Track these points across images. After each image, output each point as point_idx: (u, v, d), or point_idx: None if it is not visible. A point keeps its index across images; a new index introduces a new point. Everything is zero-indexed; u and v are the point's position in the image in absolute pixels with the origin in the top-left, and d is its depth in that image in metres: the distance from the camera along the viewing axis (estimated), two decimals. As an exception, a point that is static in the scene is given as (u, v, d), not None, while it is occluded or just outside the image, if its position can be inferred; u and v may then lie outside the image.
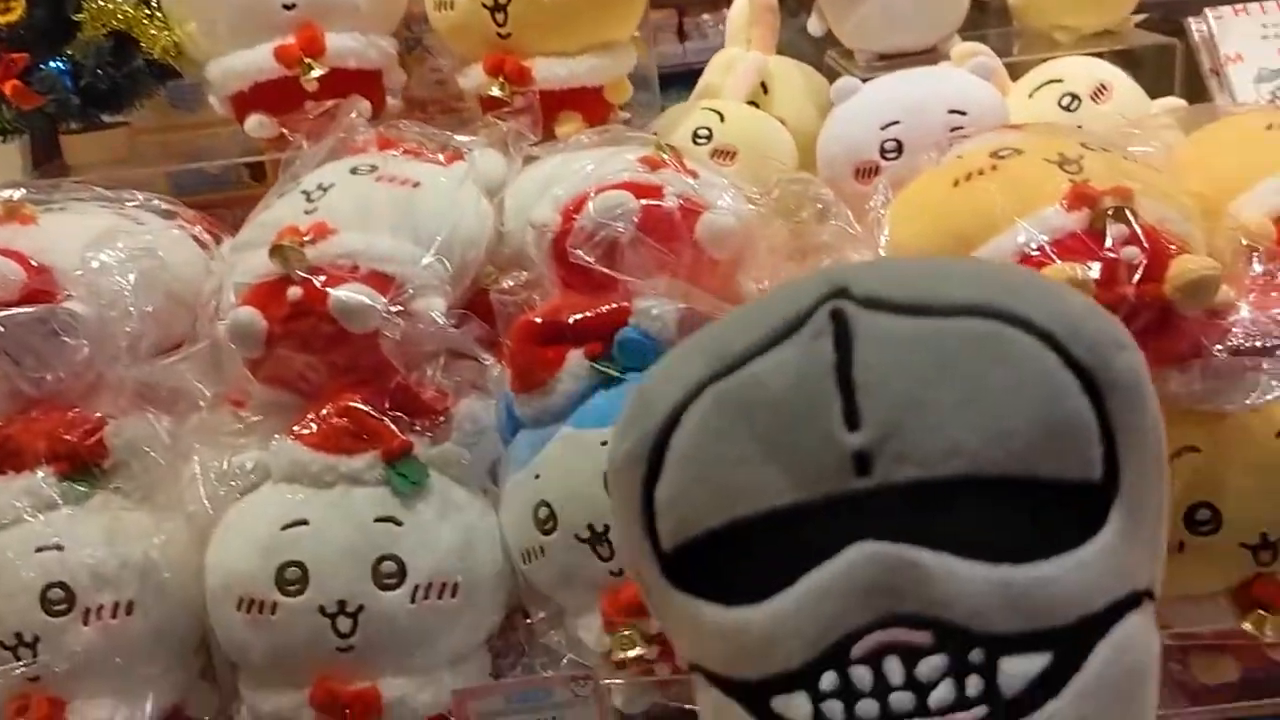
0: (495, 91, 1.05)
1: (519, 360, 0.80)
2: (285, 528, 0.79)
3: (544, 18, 1.04)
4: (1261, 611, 0.74)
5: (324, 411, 0.81)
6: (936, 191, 0.80)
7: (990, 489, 0.30)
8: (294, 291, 0.81)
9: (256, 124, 1.07)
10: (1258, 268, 0.74)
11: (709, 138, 1.09)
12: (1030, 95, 1.07)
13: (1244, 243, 0.75)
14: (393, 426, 0.81)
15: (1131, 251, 0.69)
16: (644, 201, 0.80)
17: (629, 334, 0.78)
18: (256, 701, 0.81)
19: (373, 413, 0.81)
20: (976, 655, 0.30)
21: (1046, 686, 0.29)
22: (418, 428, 0.82)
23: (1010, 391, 0.30)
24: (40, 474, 0.81)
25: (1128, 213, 0.71)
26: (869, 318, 0.31)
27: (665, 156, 0.85)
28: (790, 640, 0.31)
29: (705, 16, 2.60)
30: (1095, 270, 0.69)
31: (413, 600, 0.78)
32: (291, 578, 0.78)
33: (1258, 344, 0.72)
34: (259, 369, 0.84)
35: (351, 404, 0.81)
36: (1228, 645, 0.78)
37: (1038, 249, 0.71)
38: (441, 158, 0.95)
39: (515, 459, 0.82)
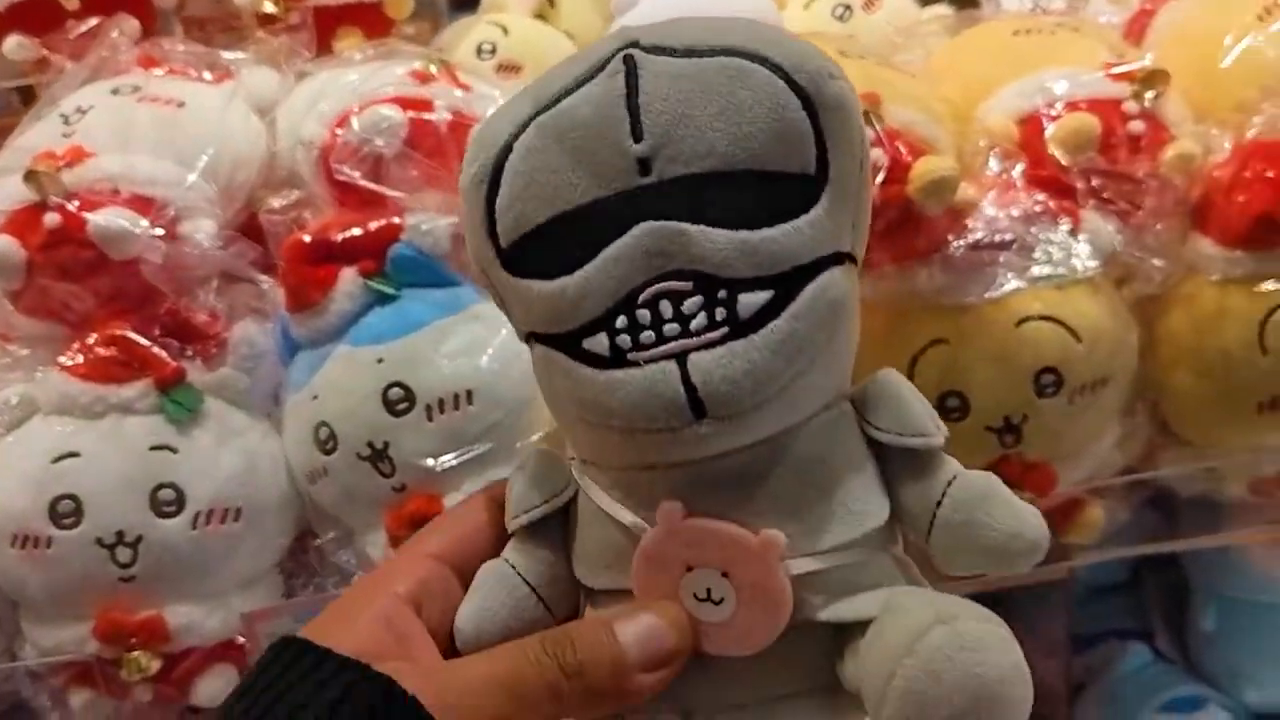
0: (269, 7, 1.02)
1: (291, 280, 0.79)
2: (56, 460, 0.77)
3: (314, -71, 1.02)
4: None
5: (91, 341, 0.79)
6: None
7: (735, 179, 0.40)
8: (51, 218, 0.78)
9: (15, 46, 1.01)
10: (996, 166, 0.78)
11: (493, 52, 1.08)
12: (806, 7, 1.09)
13: (984, 144, 0.80)
14: (163, 354, 0.79)
15: (876, 154, 0.72)
16: (410, 115, 0.80)
17: (401, 250, 0.78)
18: (39, 637, 0.80)
19: (142, 340, 0.79)
20: (722, 294, 0.40)
21: (769, 311, 0.40)
22: (190, 353, 0.80)
23: (750, 107, 0.40)
24: None
25: (872, 117, 0.74)
26: (651, 59, 0.40)
27: (435, 70, 0.84)
28: (593, 296, 0.40)
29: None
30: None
31: (194, 527, 0.77)
32: (65, 510, 0.76)
33: (996, 239, 0.76)
34: (19, 300, 0.81)
35: (119, 332, 0.79)
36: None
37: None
38: (209, 76, 0.92)
39: (294, 380, 0.81)
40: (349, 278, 0.78)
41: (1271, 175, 0.79)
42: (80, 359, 0.79)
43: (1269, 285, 0.79)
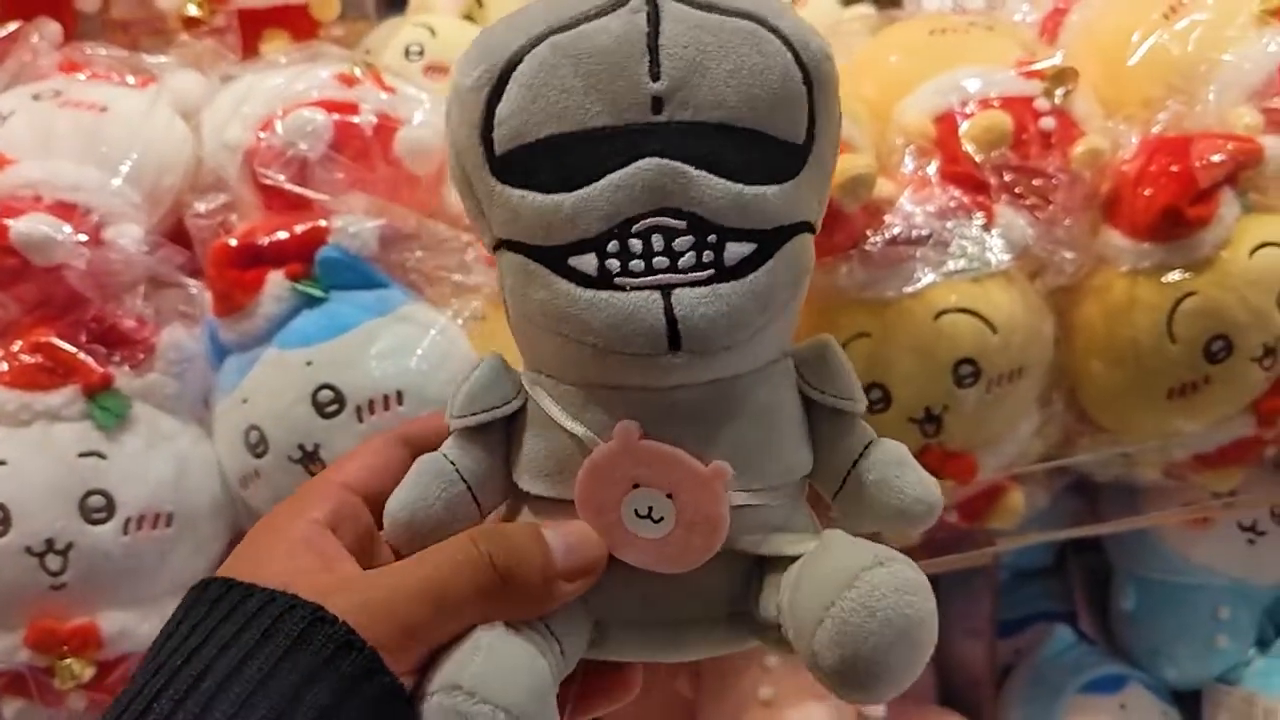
0: (193, 10, 1.02)
1: (218, 284, 0.79)
2: (-19, 470, 0.76)
3: (237, -68, 1.01)
4: (931, 478, 0.81)
5: (15, 348, 0.78)
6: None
7: (738, 134, 0.42)
8: (-30, 226, 0.78)
9: (-70, 50, 1.00)
10: (912, 164, 0.80)
11: (421, 54, 1.08)
12: None
13: (900, 141, 0.82)
14: (90, 360, 0.78)
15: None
16: (335, 118, 0.80)
17: (329, 253, 0.78)
18: (-32, 648, 0.79)
19: (68, 347, 0.78)
20: (712, 239, 0.42)
21: (751, 263, 0.42)
22: (118, 359, 0.80)
23: (761, 71, 0.42)
24: None
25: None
26: (674, 5, 0.43)
27: (360, 73, 0.84)
28: (589, 216, 0.42)
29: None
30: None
31: (125, 533, 0.77)
32: (-8, 520, 0.76)
33: (913, 234, 0.78)
34: (-60, 309, 0.80)
35: (45, 339, 0.78)
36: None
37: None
38: (132, 80, 0.91)
39: (223, 385, 0.81)
40: (276, 281, 0.78)
41: (1176, 169, 0.82)
42: (5, 367, 0.78)
43: (1176, 275, 0.82)
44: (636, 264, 0.42)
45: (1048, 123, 0.82)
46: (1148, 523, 0.99)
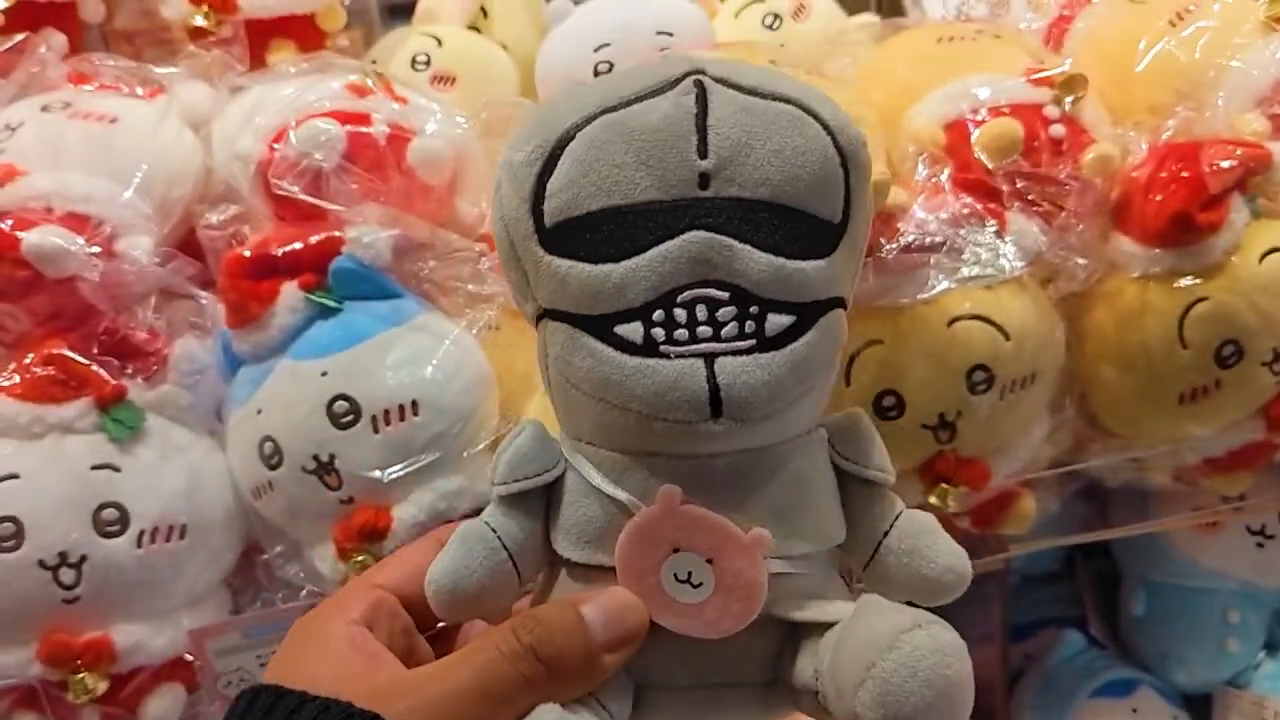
0: (200, 21, 1.01)
1: (232, 295, 0.79)
2: (-6, 483, 0.76)
3: (243, -58, 1.01)
4: (944, 485, 0.81)
5: (27, 360, 0.78)
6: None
7: (780, 211, 0.44)
8: (-17, 237, 0.77)
9: (-64, 62, 1.00)
10: (924, 171, 0.80)
11: (428, 64, 1.08)
12: (736, 15, 1.11)
13: (912, 149, 0.82)
14: (103, 372, 0.78)
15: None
16: (349, 128, 0.80)
17: (343, 263, 0.78)
18: (-19, 661, 0.79)
19: (81, 359, 0.78)
20: (754, 310, 0.44)
21: (790, 334, 0.44)
22: (130, 371, 0.80)
23: (803, 153, 0.44)
24: None
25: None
26: (720, 88, 0.45)
27: (371, 83, 0.84)
28: (636, 287, 0.44)
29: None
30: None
31: (138, 545, 0.77)
32: (6, 533, 0.75)
33: (926, 241, 0.78)
34: (-49, 322, 0.80)
35: (57, 351, 0.78)
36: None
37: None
38: (141, 91, 0.91)
39: (237, 396, 0.81)
40: (290, 292, 0.78)
41: (1186, 175, 0.82)
42: (17, 379, 0.78)
43: (1186, 281, 0.82)
44: (681, 333, 0.44)
45: (1058, 130, 0.82)
46: (1158, 527, 1.00)
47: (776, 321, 0.44)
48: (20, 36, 0.96)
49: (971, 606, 0.96)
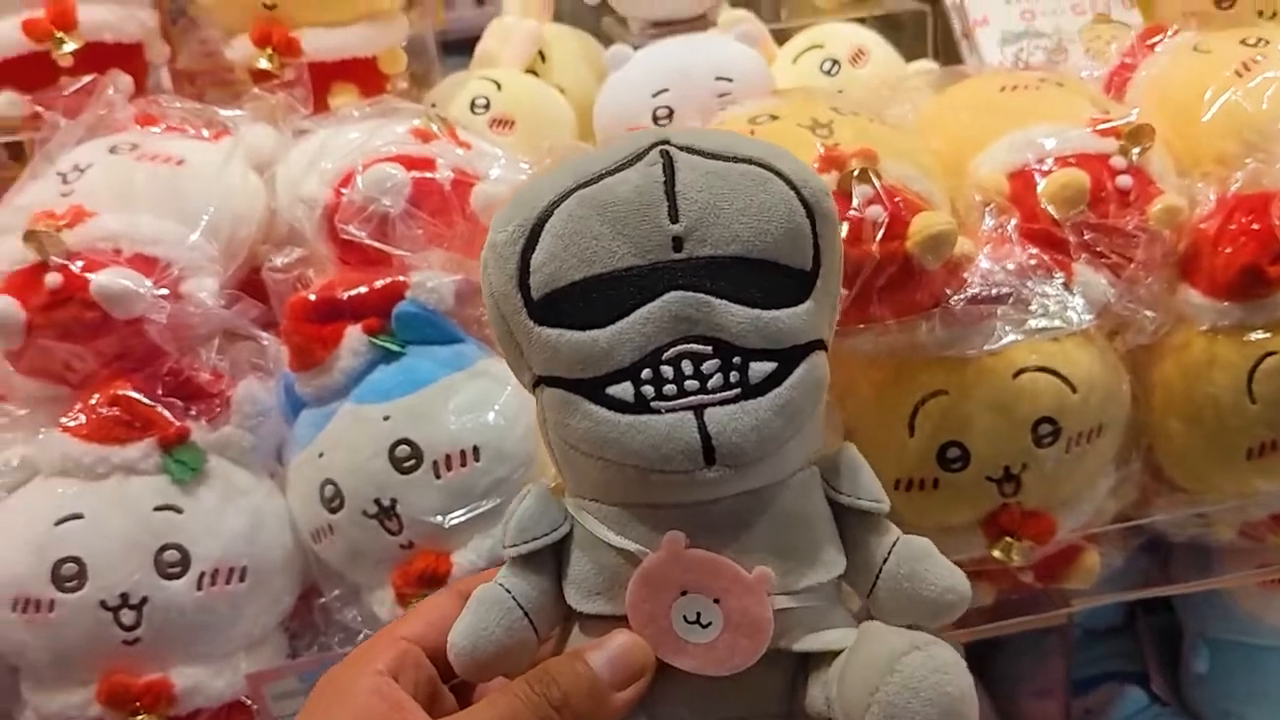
0: (264, 64, 1.03)
1: (296, 339, 0.79)
2: (59, 523, 0.76)
3: (309, -13, 1.03)
4: (1008, 539, 0.80)
5: (93, 401, 0.79)
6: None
7: (753, 265, 0.46)
8: (52, 278, 0.78)
9: (6, 102, 1.02)
10: (990, 221, 0.80)
11: (487, 107, 1.09)
12: (794, 61, 1.11)
13: (978, 198, 0.81)
14: (167, 413, 0.79)
15: (875, 210, 0.73)
16: (414, 174, 0.80)
17: (407, 308, 0.79)
18: (41, 702, 0.79)
19: (145, 400, 0.79)
20: (737, 360, 0.46)
21: (774, 379, 0.46)
22: (194, 412, 0.80)
23: (769, 209, 0.46)
24: None
25: (871, 174, 0.75)
26: (685, 156, 0.47)
27: (436, 128, 0.85)
28: (623, 348, 0.45)
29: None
30: (844, 230, 0.73)
31: (199, 588, 0.77)
32: (68, 574, 0.76)
33: (993, 292, 0.77)
34: (19, 360, 0.81)
35: (122, 392, 0.79)
36: (983, 571, 0.84)
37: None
38: (207, 134, 0.93)
39: (299, 438, 0.81)
40: (354, 335, 0.79)
41: (1256, 227, 0.81)
42: (83, 419, 0.79)
43: (1256, 335, 0.81)
44: (669, 388, 0.45)
45: (1124, 181, 0.82)
46: (1222, 584, 0.98)
47: (759, 369, 0.46)
48: (88, 78, 0.99)
49: (1033, 660, 0.95)
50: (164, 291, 0.79)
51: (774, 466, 0.47)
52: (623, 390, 0.46)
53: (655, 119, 1.01)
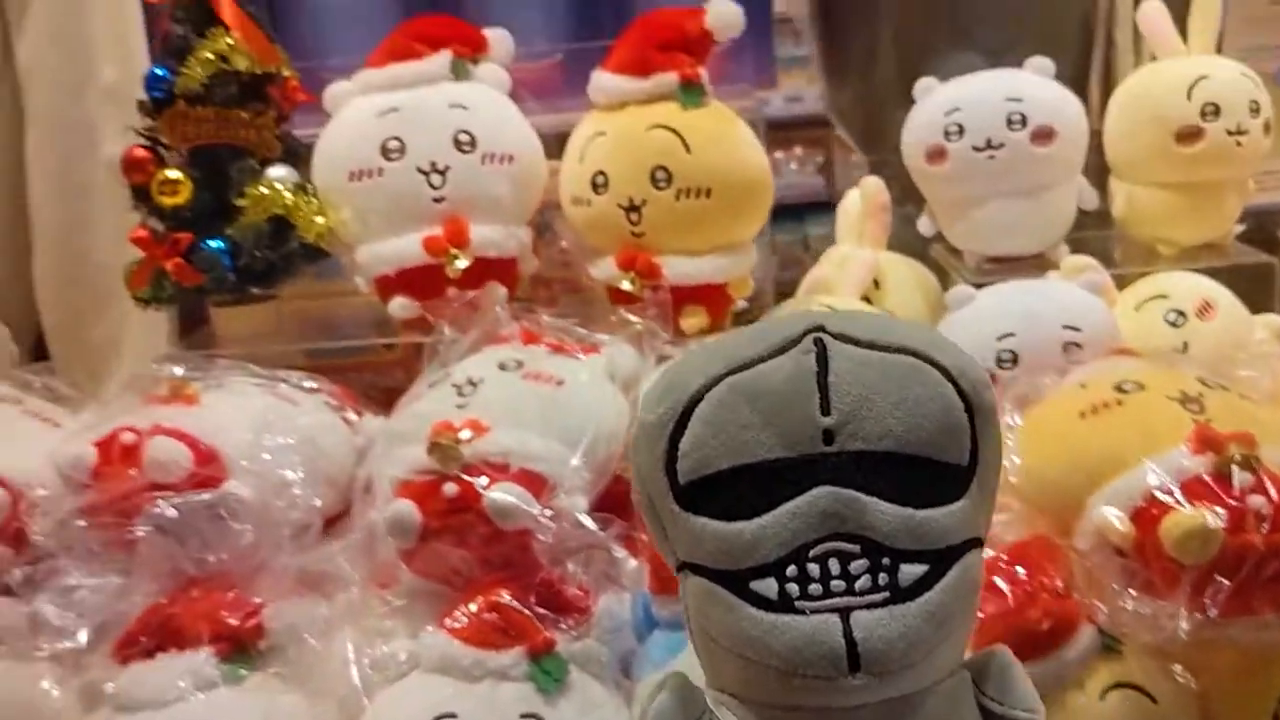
0: (626, 285, 1.11)
1: (659, 562, 0.84)
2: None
3: (675, 220, 1.10)
4: None
5: (473, 606, 0.85)
6: (1064, 422, 0.84)
7: (906, 461, 0.45)
8: (450, 488, 0.86)
9: (400, 306, 1.13)
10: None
11: (825, 334, 1.13)
12: (1136, 309, 1.11)
13: None
14: (537, 623, 0.84)
15: (1259, 501, 0.73)
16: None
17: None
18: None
19: (520, 609, 0.84)
20: (886, 562, 0.45)
21: (925, 583, 0.45)
22: (563, 625, 0.85)
23: (924, 402, 0.46)
24: (203, 654, 0.84)
25: (1252, 460, 0.74)
26: (839, 345, 0.46)
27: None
28: (768, 543, 0.45)
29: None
30: (1224, 517, 0.72)
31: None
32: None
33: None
34: (412, 559, 0.88)
35: (500, 599, 0.85)
36: None
37: (1165, 490, 0.75)
38: (581, 356, 1.00)
39: (651, 659, 0.84)
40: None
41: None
42: (464, 622, 0.85)
43: None
44: (815, 588, 0.45)
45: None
46: None
47: (909, 572, 0.45)
48: (472, 293, 1.09)
49: None
50: (550, 511, 0.85)
51: (921, 673, 0.46)
52: (766, 586, 0.45)
53: (999, 361, 1.02)
